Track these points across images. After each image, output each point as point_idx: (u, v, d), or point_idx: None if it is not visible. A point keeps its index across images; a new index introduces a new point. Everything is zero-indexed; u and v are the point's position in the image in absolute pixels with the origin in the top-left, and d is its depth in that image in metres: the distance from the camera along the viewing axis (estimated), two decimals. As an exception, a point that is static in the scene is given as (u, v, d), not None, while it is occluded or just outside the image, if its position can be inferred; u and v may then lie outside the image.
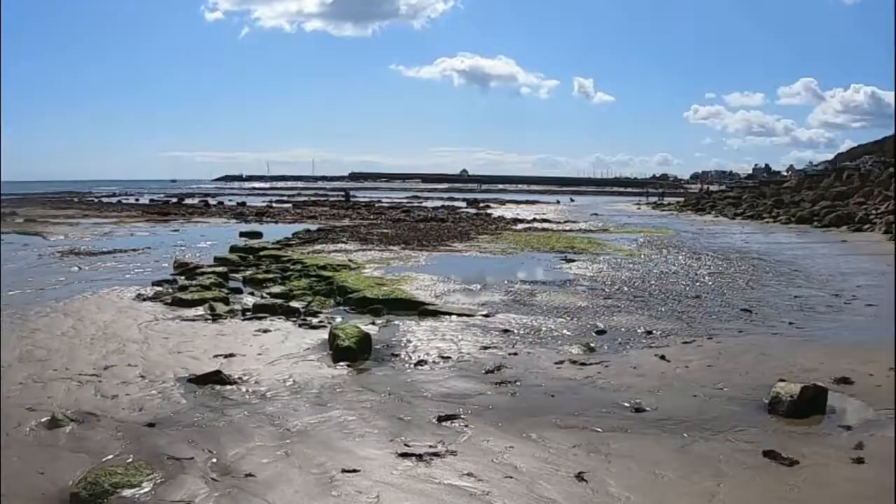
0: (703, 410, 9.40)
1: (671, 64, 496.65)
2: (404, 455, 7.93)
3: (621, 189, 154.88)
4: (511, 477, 7.33)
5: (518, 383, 10.58)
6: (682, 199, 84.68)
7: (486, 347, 12.73)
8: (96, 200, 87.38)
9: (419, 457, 7.87)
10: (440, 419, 9.04)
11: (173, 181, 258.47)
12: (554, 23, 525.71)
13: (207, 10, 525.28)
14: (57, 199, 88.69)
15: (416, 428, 8.79)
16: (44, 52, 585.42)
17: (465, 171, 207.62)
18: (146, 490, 7.30)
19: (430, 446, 8.16)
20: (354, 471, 7.53)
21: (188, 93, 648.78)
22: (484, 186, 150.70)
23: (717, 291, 18.86)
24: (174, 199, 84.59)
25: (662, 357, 12.01)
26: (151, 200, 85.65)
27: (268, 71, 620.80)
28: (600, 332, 13.92)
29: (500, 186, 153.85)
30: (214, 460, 7.98)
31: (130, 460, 7.99)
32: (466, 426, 8.82)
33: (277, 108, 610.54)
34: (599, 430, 8.68)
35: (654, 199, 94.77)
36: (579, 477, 7.30)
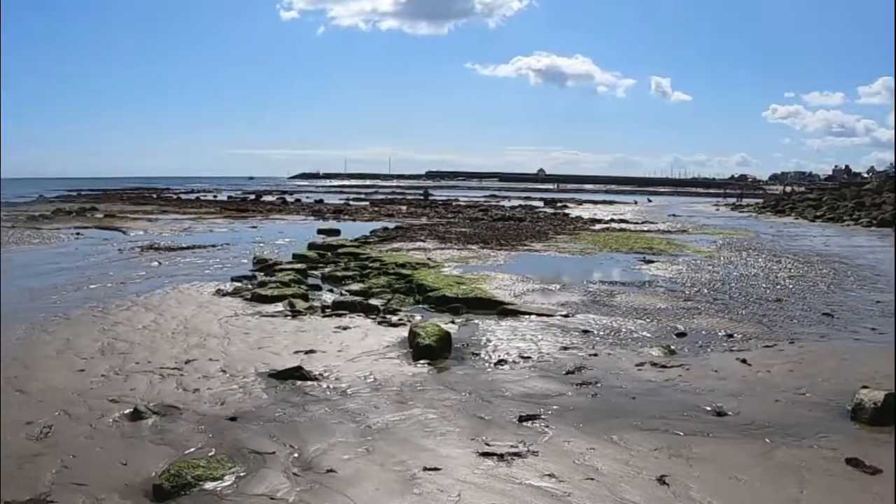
0: (785, 416, 9.27)
1: (749, 62, 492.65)
2: (485, 454, 7.92)
3: (699, 189, 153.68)
4: (592, 479, 7.29)
5: (599, 384, 10.52)
6: (760, 201, 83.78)
7: (566, 348, 12.68)
8: (175, 197, 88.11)
9: (500, 456, 7.85)
10: (521, 419, 9.02)
11: (250, 178, 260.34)
12: (631, 21, 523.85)
13: (283, 10, 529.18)
14: (135, 195, 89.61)
15: (497, 427, 8.77)
16: (121, 52, 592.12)
17: (542, 170, 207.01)
18: (228, 483, 7.37)
19: (512, 446, 8.14)
20: (436, 469, 7.53)
21: (265, 91, 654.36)
22: (561, 186, 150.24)
23: (798, 295, 18.60)
24: (252, 196, 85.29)
25: (744, 361, 11.87)
26: (229, 197, 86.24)
27: (344, 69, 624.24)
28: (680, 335, 13.80)
29: (577, 186, 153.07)
30: (296, 455, 8.03)
31: (213, 453, 8.07)
32: (547, 427, 8.79)
33: (354, 106, 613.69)
34: (681, 433, 8.60)
35: (733, 199, 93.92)
36: (661, 480, 7.25)
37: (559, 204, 73.90)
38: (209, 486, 7.31)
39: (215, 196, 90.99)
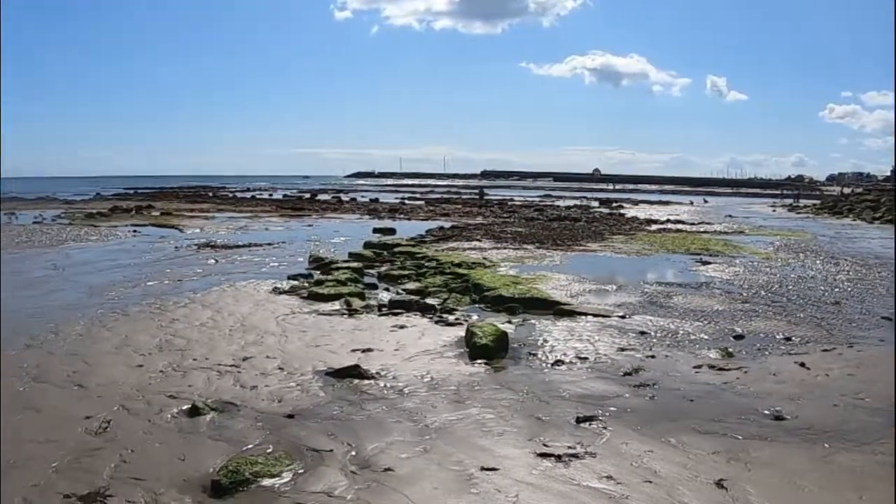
0: (845, 420, 9.18)
1: (806, 61, 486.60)
2: (543, 455, 7.92)
3: (756, 190, 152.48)
4: (650, 481, 7.26)
5: (656, 386, 10.48)
6: (817, 202, 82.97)
7: (623, 349, 12.63)
8: (230, 195, 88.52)
9: (558, 457, 7.85)
10: (578, 420, 9.01)
11: (306, 177, 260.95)
12: (686, 20, 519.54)
13: (337, 9, 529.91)
14: (192, 194, 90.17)
15: (555, 428, 8.76)
16: (177, 51, 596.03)
17: (597, 170, 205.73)
18: (286, 480, 7.43)
19: (569, 447, 8.13)
20: (493, 469, 7.54)
21: (320, 90, 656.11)
22: (616, 186, 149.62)
23: (857, 298, 18.37)
24: (307, 195, 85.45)
25: (802, 364, 11.77)
26: (285, 196, 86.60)
27: (398, 69, 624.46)
28: (738, 337, 13.71)
29: (632, 186, 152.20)
30: (353, 453, 8.07)
31: (270, 450, 8.14)
32: (605, 428, 8.77)
33: (408, 106, 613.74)
34: (739, 436, 8.55)
35: (790, 200, 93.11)
36: (719, 484, 7.21)
37: (615, 204, 73.43)
38: (267, 482, 7.37)
39: (271, 195, 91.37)
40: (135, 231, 37.00)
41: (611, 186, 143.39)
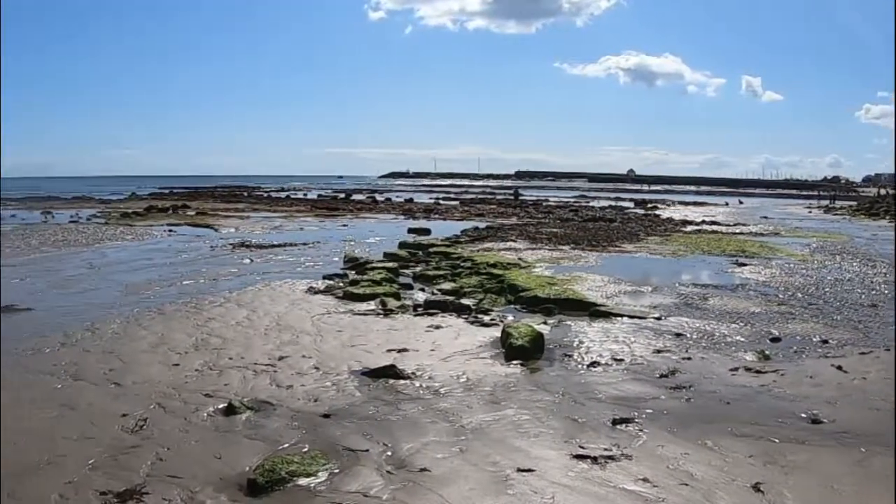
0: (882, 424, 9.08)
1: (842, 61, 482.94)
2: (579, 457, 7.90)
3: (791, 191, 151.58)
4: (686, 484, 7.23)
5: (692, 389, 10.43)
6: (854, 203, 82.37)
7: (658, 351, 12.58)
8: (265, 195, 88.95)
9: (594, 459, 7.83)
10: (614, 422, 8.99)
11: (340, 177, 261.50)
12: (720, 19, 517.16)
13: (371, 10, 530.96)
14: (227, 193, 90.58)
15: (591, 430, 8.74)
16: (209, 51, 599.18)
17: (631, 170, 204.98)
18: (322, 479, 7.45)
19: (605, 449, 8.11)
20: (529, 470, 7.53)
21: (354, 90, 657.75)
22: (651, 187, 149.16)
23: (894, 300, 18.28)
24: (342, 195, 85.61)
25: (839, 367, 11.65)
26: (319, 196, 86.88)
27: (432, 69, 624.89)
28: (775, 340, 13.63)
29: (667, 187, 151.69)
30: (389, 453, 8.08)
31: (306, 449, 8.16)
32: (641, 430, 8.74)
33: (442, 106, 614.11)
34: (776, 440, 8.49)
35: (826, 202, 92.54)
36: (756, 488, 7.16)
37: (650, 205, 73.13)
38: (303, 481, 7.39)
39: (305, 194, 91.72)
40: (170, 230, 37.25)
41: (645, 187, 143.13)
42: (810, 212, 71.27)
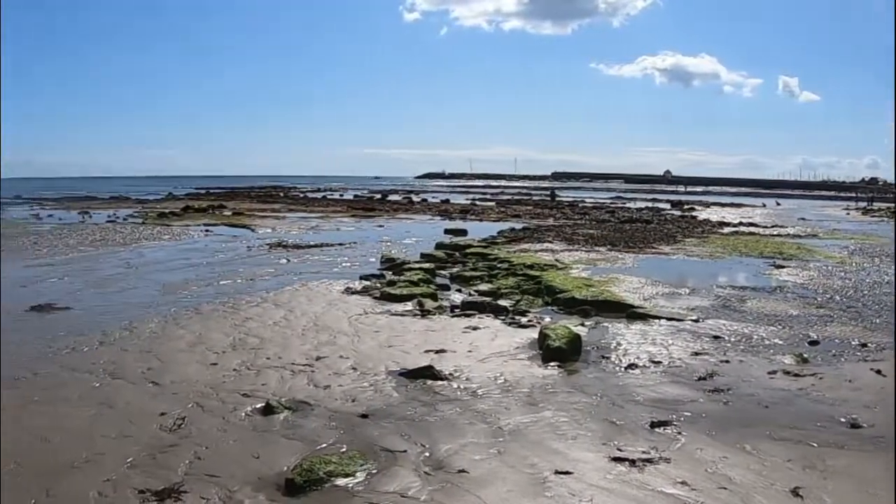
0: (924, 428, 9.07)
1: (879, 62, 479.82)
2: (617, 459, 7.89)
3: (829, 193, 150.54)
4: (725, 488, 7.20)
5: (731, 392, 10.38)
6: (892, 204, 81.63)
7: (696, 353, 12.53)
8: (301, 195, 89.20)
9: (632, 462, 7.81)
10: (653, 425, 8.97)
11: (376, 178, 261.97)
12: (757, 19, 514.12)
13: (406, 11, 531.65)
14: (263, 194, 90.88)
15: (629, 432, 8.73)
16: (244, 53, 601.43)
17: (668, 171, 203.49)
18: (360, 480, 7.47)
19: (643, 452, 8.09)
20: (567, 473, 7.53)
21: (389, 91, 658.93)
22: (687, 188, 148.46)
23: (936, 304, 18.11)
24: (378, 196, 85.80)
25: (878, 371, 11.58)
26: (356, 196, 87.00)
27: (468, 70, 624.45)
28: (813, 343, 13.53)
29: (703, 188, 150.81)
30: (427, 454, 8.10)
31: (344, 450, 8.19)
32: (679, 433, 8.72)
33: (478, 107, 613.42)
34: (815, 444, 8.45)
35: (864, 203, 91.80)
36: (794, 492, 7.13)
37: (686, 206, 72.72)
38: (341, 482, 7.41)
39: (342, 195, 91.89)
40: (207, 230, 37.43)
41: (682, 188, 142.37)
42: (848, 213, 70.72)
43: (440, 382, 10.74)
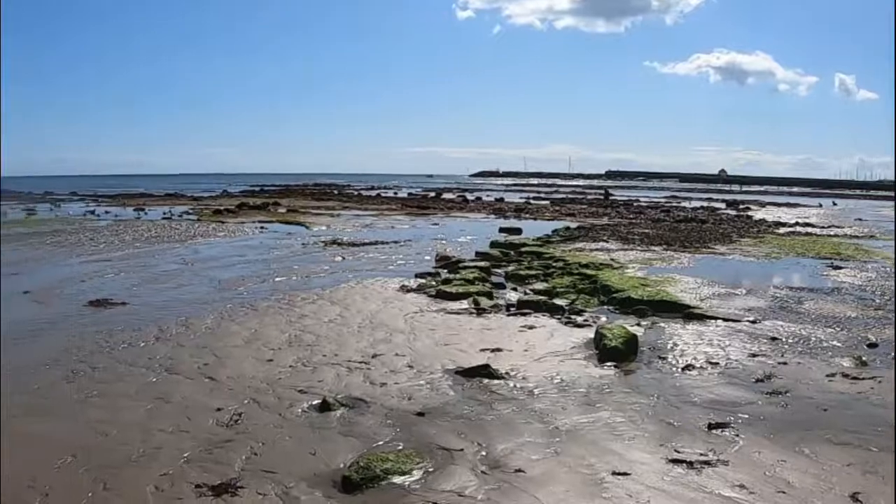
0: None
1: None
2: (675, 461, 7.86)
3: (887, 193, 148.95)
4: (784, 492, 7.16)
5: (788, 394, 10.29)
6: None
7: (754, 355, 12.42)
8: (355, 193, 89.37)
9: (690, 464, 7.78)
10: (710, 427, 8.91)
11: (430, 176, 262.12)
12: (812, 16, 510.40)
13: (459, 9, 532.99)
14: (317, 192, 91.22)
15: (686, 434, 8.69)
16: (300, 55, 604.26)
17: (723, 170, 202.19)
18: (416, 478, 7.50)
19: (701, 454, 8.06)
20: (625, 474, 7.52)
21: (443, 89, 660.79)
22: (742, 187, 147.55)
23: None
24: (432, 194, 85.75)
25: (939, 375, 11.46)
26: (410, 194, 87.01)
27: (521, 68, 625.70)
28: (872, 346, 13.36)
29: (759, 188, 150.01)
30: (484, 453, 8.12)
31: (401, 448, 8.23)
32: (737, 435, 8.66)
33: (531, 105, 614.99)
34: (874, 449, 8.35)
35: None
36: (854, 498, 7.06)
37: (742, 206, 72.25)
38: (397, 480, 7.45)
39: (396, 193, 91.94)
40: (262, 227, 37.65)
41: (737, 188, 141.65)
42: (905, 213, 70.08)
43: (496, 381, 10.74)
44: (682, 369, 11.54)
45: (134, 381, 10.74)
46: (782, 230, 40.72)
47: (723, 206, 72.18)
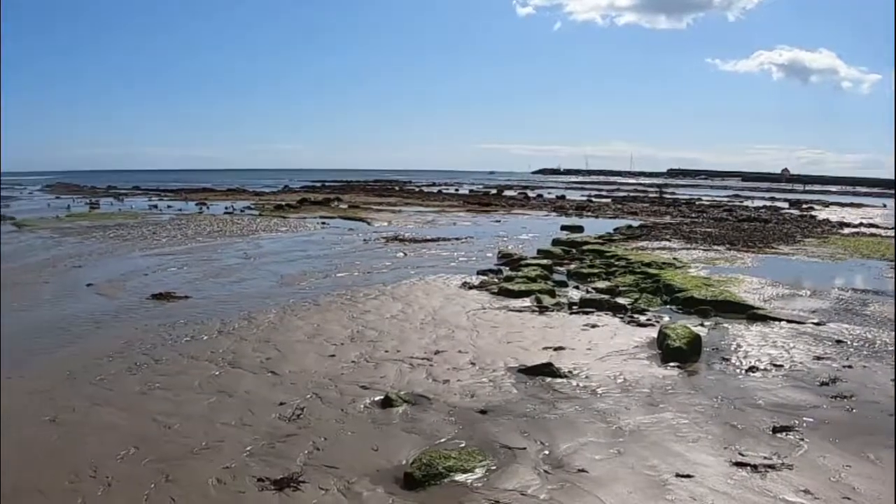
0: None
1: None
2: (739, 464, 7.80)
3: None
4: (849, 498, 7.08)
5: (854, 398, 10.14)
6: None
7: (818, 358, 12.28)
8: (417, 189, 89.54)
9: (754, 467, 7.71)
10: (775, 430, 8.83)
11: (491, 173, 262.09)
12: (877, 12, 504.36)
13: (519, 6, 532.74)
14: (379, 188, 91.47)
15: (750, 437, 8.62)
16: (364, 52, 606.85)
17: (786, 170, 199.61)
18: (479, 476, 7.51)
19: (765, 458, 7.98)
20: (688, 476, 7.48)
21: (504, 86, 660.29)
22: (805, 187, 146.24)
23: None
24: (493, 191, 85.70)
25: None
26: (471, 191, 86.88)
27: (582, 65, 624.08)
28: (939, 350, 13.22)
29: (822, 187, 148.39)
30: (546, 452, 8.11)
31: (463, 445, 8.25)
32: (802, 439, 8.57)
33: (593, 102, 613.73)
34: (941, 456, 8.26)
35: None
36: (920, 504, 6.97)
37: (805, 205, 71.63)
38: (460, 477, 7.47)
39: (457, 189, 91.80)
40: (323, 223, 37.90)
41: (800, 187, 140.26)
42: (973, 216, 69.12)
43: (559, 380, 10.73)
44: (746, 371, 11.44)
45: (197, 374, 10.88)
46: (846, 230, 40.24)
47: (786, 205, 71.49)
